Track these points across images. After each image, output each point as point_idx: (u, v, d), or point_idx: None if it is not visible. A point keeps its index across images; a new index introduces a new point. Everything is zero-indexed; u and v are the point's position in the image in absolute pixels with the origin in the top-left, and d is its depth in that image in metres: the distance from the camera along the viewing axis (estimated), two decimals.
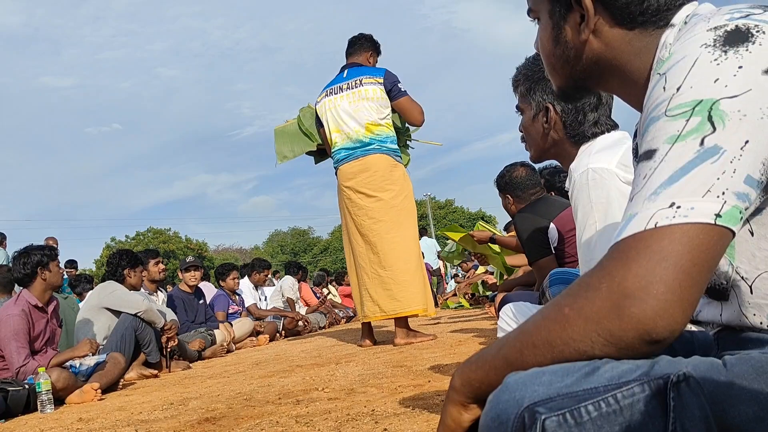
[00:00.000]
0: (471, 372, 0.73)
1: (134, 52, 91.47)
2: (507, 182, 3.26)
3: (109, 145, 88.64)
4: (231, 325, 6.36)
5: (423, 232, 18.03)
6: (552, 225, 2.74)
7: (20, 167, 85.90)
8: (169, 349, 4.81)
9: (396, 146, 4.25)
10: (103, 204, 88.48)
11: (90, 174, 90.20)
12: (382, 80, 4.18)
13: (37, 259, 3.79)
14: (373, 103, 4.15)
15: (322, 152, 4.67)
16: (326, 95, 4.31)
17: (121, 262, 4.92)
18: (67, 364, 3.71)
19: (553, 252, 2.75)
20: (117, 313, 4.62)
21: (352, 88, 4.18)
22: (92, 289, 6.26)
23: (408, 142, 4.60)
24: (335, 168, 4.32)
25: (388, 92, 4.16)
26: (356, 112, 4.15)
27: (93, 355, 3.81)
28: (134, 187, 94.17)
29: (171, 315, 5.27)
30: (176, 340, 4.87)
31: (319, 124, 4.43)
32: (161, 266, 5.84)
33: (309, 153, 4.72)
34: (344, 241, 4.42)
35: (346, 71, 4.33)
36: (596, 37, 0.85)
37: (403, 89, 4.16)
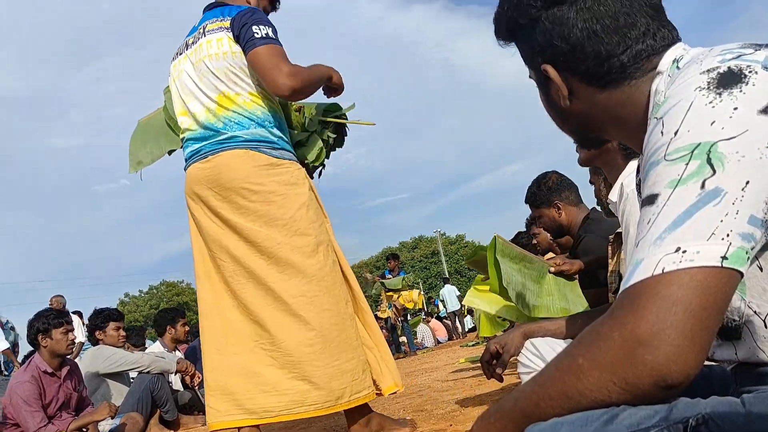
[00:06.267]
0: (489, 425, 0.73)
1: (136, 109, 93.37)
2: (550, 189, 2.83)
3: (118, 201, 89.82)
4: None
5: (446, 281, 17.86)
6: None
7: (30, 229, 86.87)
8: (196, 386, 4.78)
9: (271, 133, 2.37)
10: (115, 260, 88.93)
11: (100, 231, 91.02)
12: (229, 23, 2.34)
13: (37, 326, 3.72)
14: (221, 62, 2.33)
15: None
16: (176, 56, 2.54)
17: (96, 323, 4.75)
18: None
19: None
20: (116, 375, 4.56)
21: (196, 42, 2.43)
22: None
23: (329, 127, 2.72)
24: (185, 170, 2.51)
25: (237, 39, 2.32)
26: (201, 79, 2.38)
27: (112, 419, 3.78)
28: (145, 241, 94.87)
29: (173, 356, 5.06)
30: (198, 375, 4.77)
31: None
32: (187, 327, 5.81)
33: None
34: (198, 289, 2.45)
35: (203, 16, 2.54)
36: (576, 98, 0.89)
37: (261, 34, 2.26)
